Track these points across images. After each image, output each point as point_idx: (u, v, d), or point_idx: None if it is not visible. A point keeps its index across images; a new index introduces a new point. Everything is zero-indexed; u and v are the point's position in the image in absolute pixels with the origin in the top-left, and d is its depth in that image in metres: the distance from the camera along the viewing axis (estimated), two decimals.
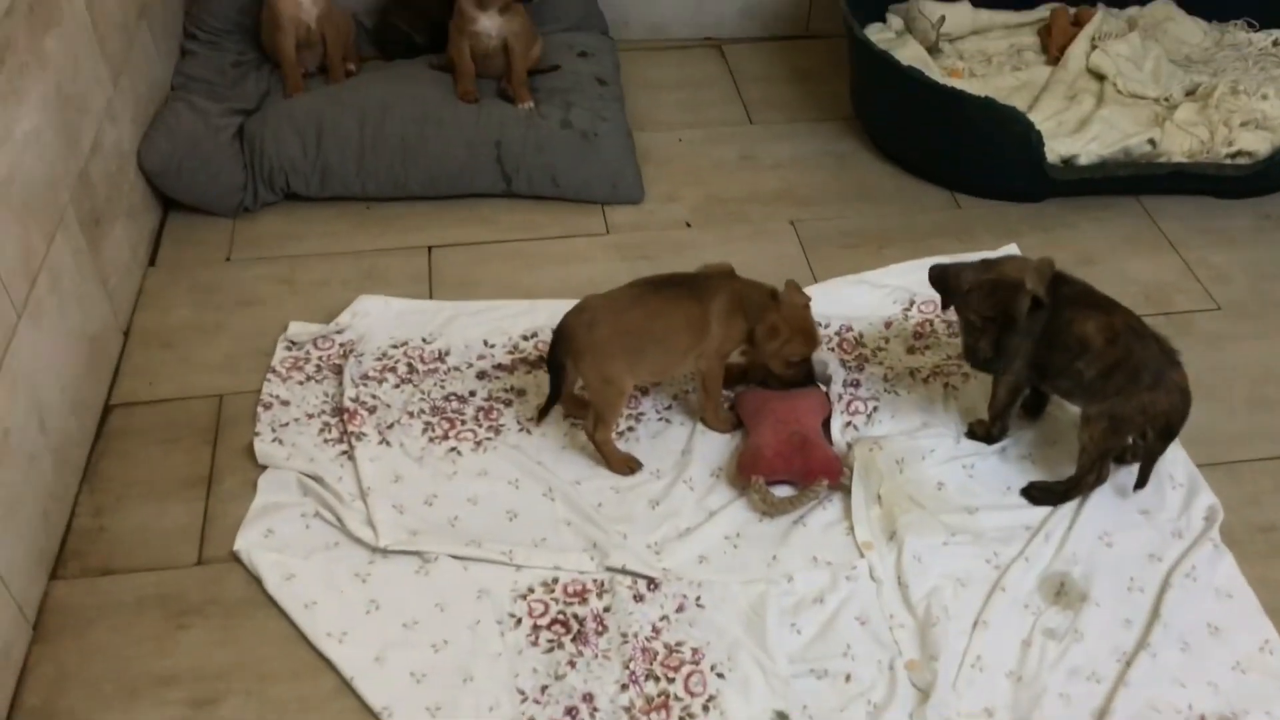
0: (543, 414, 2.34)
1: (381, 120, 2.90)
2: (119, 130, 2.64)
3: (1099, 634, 2.02)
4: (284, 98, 3.02)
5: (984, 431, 2.34)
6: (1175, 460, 2.30)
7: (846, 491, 2.24)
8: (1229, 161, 2.99)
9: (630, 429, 2.39)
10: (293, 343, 2.54)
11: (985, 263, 2.20)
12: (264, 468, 2.28)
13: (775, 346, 2.26)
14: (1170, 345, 2.13)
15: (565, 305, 2.56)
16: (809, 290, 2.69)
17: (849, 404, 2.42)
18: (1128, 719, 1.88)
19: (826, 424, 2.37)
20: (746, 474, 2.23)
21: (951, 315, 2.62)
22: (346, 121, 2.90)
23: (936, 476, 2.28)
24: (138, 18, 2.80)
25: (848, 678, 1.96)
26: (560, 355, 2.22)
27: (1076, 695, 1.93)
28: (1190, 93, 3.26)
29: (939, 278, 2.18)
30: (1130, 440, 2.22)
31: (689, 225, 2.96)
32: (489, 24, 3.00)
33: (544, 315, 2.61)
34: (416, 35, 3.23)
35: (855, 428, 2.38)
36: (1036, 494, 2.25)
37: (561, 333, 2.23)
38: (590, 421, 2.27)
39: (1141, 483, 2.20)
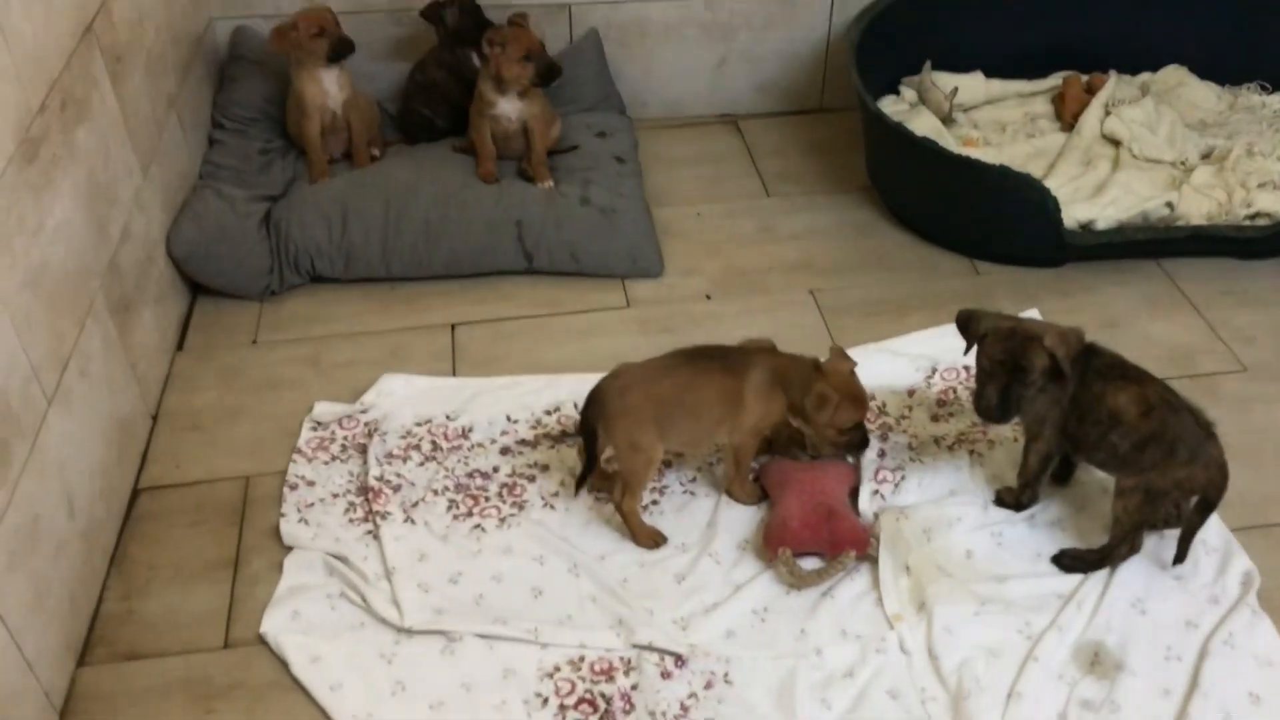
0: (580, 483, 2.31)
1: (405, 202, 2.96)
2: (148, 218, 2.70)
3: (1137, 705, 1.97)
4: (309, 183, 3.08)
5: (1013, 499, 2.32)
6: (1208, 524, 2.26)
7: (874, 562, 2.22)
8: (1248, 223, 2.99)
9: (655, 502, 2.38)
10: (318, 423, 2.56)
11: (1013, 316, 2.20)
12: (290, 549, 2.28)
13: (826, 416, 2.21)
14: (1206, 418, 2.11)
15: (587, 379, 2.58)
16: None
17: (875, 473, 2.40)
18: None
19: (853, 494, 2.36)
20: (773, 546, 2.22)
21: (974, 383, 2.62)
22: (371, 204, 2.95)
23: (965, 545, 2.26)
24: (167, 109, 2.88)
25: None
26: (592, 420, 2.22)
27: None
28: (1206, 156, 3.27)
29: (964, 320, 2.19)
30: (1163, 514, 2.19)
31: (709, 297, 2.98)
32: (509, 107, 3.06)
33: (566, 390, 2.62)
34: (439, 120, 3.30)
35: (882, 497, 2.36)
36: (1068, 562, 2.22)
37: (594, 397, 2.24)
38: (618, 491, 2.26)
39: (1180, 557, 2.17)
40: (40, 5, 2.17)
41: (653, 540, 2.28)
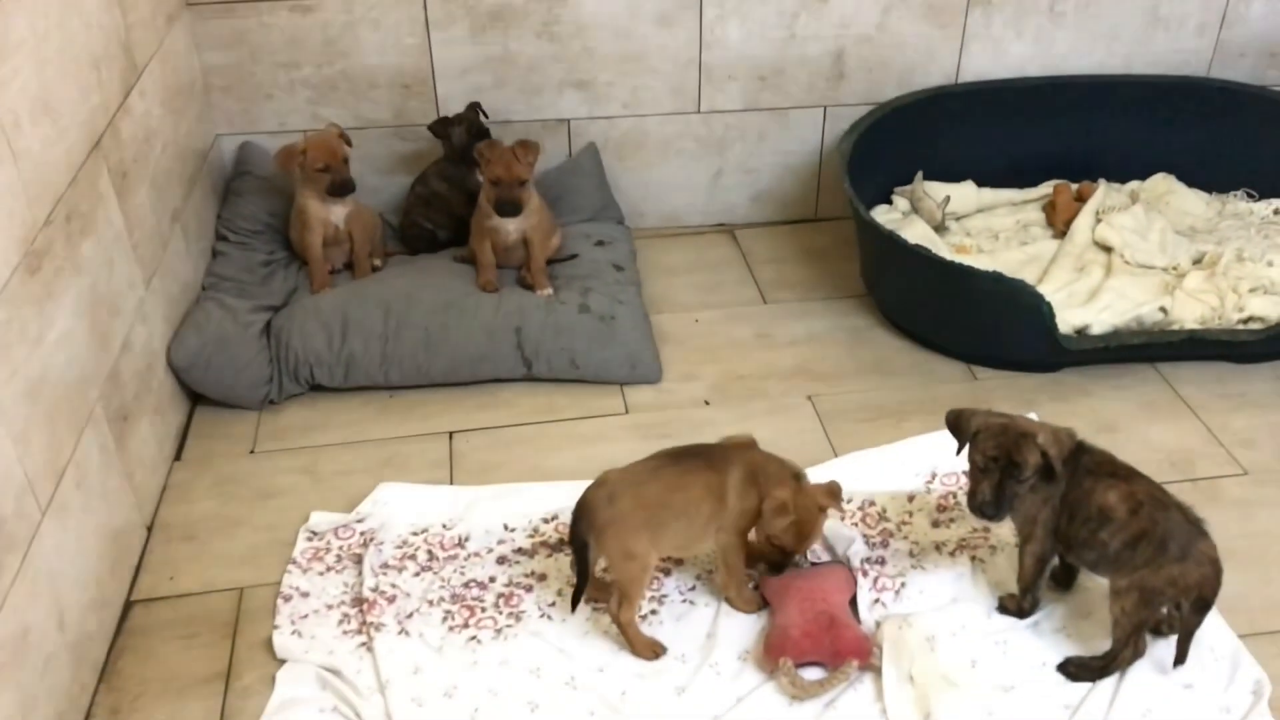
0: (575, 600, 2.28)
1: (405, 311, 2.99)
2: (149, 329, 2.72)
3: None
4: (311, 293, 3.12)
5: (1015, 606, 2.29)
6: (1216, 630, 2.24)
7: (877, 672, 2.18)
8: (1242, 327, 3.01)
9: (654, 611, 2.35)
10: (314, 533, 2.55)
11: (1004, 414, 2.20)
12: (283, 662, 2.25)
13: (779, 524, 2.19)
14: (1195, 515, 2.10)
15: (585, 485, 2.57)
16: (828, 465, 2.71)
17: (876, 580, 2.38)
18: None
19: (853, 602, 2.33)
20: (774, 656, 2.18)
21: None
22: (371, 314, 2.98)
23: (970, 654, 2.22)
24: (171, 222, 2.93)
25: None
26: (582, 532, 2.20)
27: None
28: (1197, 261, 3.31)
29: (953, 420, 2.20)
30: (1165, 611, 2.16)
31: (708, 403, 2.99)
32: (509, 223, 3.11)
33: (564, 496, 2.59)
34: (440, 231, 3.35)
35: (884, 605, 2.33)
36: (1073, 670, 2.18)
37: (582, 508, 2.22)
38: (614, 602, 2.23)
39: (1181, 658, 2.13)
40: (49, 122, 2.23)
41: (652, 651, 2.25)
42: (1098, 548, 2.11)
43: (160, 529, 2.60)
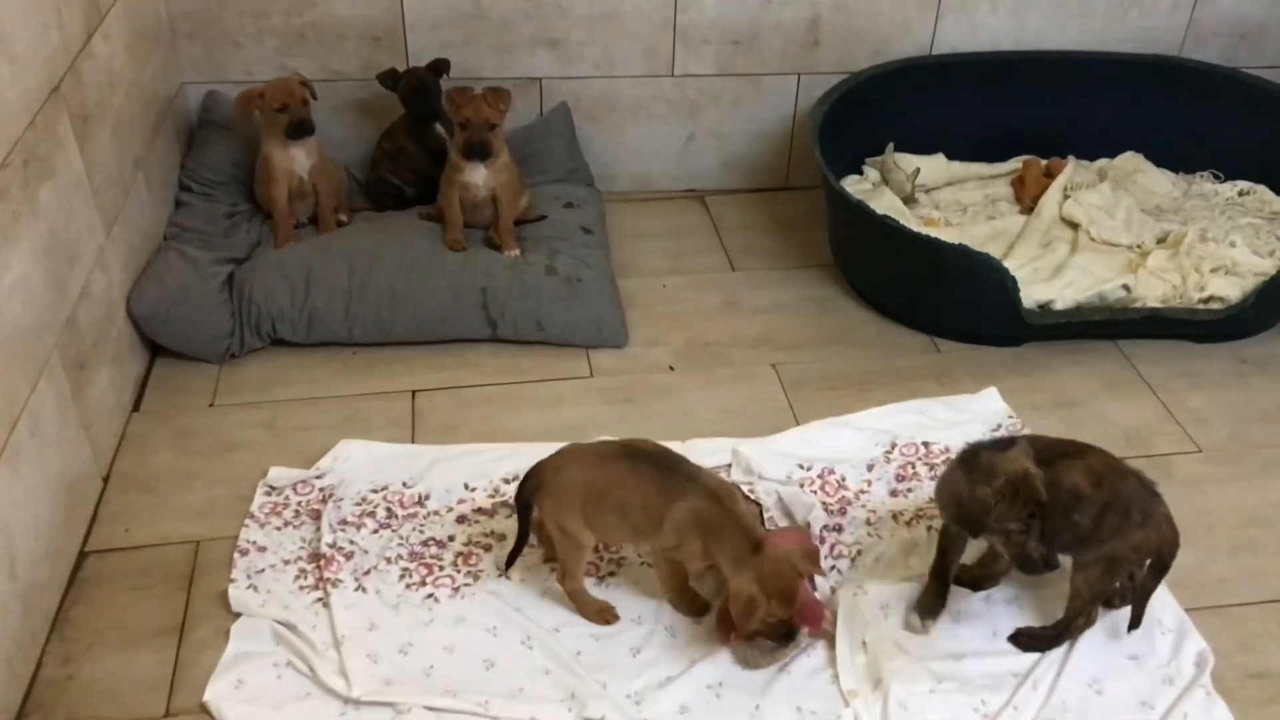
0: (510, 561, 2.29)
1: (370, 268, 2.96)
2: (109, 278, 2.68)
3: None
4: (274, 247, 3.08)
5: (970, 577, 2.32)
6: (1163, 605, 2.27)
7: (831, 639, 2.20)
8: (1202, 306, 3.04)
9: (611, 574, 2.36)
10: (272, 488, 2.53)
11: (974, 472, 2.04)
12: (238, 615, 2.24)
13: (751, 621, 2.00)
14: (1147, 478, 2.12)
15: (549, 448, 2.56)
16: (790, 433, 2.72)
17: (832, 548, 2.40)
18: None
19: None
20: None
21: (933, 459, 2.63)
22: (335, 270, 2.95)
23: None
24: (134, 170, 2.88)
25: None
26: (527, 494, 2.20)
27: None
28: (1161, 240, 3.34)
29: (962, 516, 2.04)
30: (1118, 584, 2.19)
31: (672, 369, 2.99)
32: (477, 177, 3.08)
33: (527, 458, 2.57)
34: (407, 188, 3.32)
35: (839, 571, 2.35)
36: (1025, 640, 2.21)
37: (532, 472, 2.21)
38: (559, 570, 2.24)
39: (1136, 623, 2.17)
40: (5, 61, 2.18)
41: (602, 616, 2.25)
42: (1071, 529, 2.08)
43: (117, 480, 2.58)
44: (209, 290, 2.89)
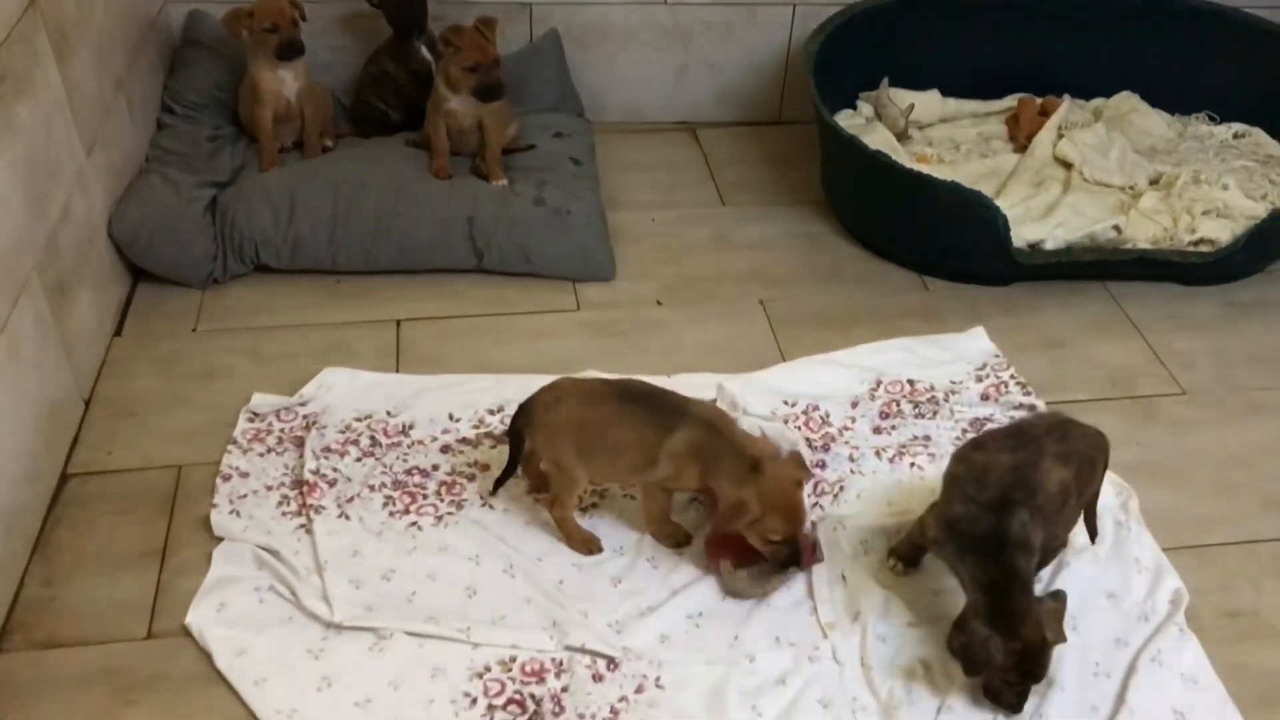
0: (497, 486, 2.30)
1: (355, 195, 2.92)
2: (90, 200, 2.64)
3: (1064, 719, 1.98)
4: (259, 171, 3.04)
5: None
6: (1141, 544, 2.29)
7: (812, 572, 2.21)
8: (1192, 249, 3.03)
9: (594, 505, 2.37)
10: (255, 414, 2.52)
11: (1009, 630, 1.90)
12: (220, 540, 2.24)
13: (741, 524, 2.05)
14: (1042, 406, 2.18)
15: (534, 380, 2.55)
16: (776, 369, 2.71)
17: (815, 484, 2.40)
18: None
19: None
20: (714, 556, 2.20)
21: (918, 397, 2.63)
22: (320, 195, 2.91)
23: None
24: (115, 90, 2.83)
25: None
26: (520, 426, 2.21)
27: None
28: (1154, 181, 3.32)
29: (970, 661, 1.92)
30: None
31: (660, 303, 2.97)
32: (464, 104, 3.03)
33: (511, 390, 2.59)
34: (393, 113, 3.27)
35: (821, 507, 2.36)
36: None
37: (526, 404, 2.21)
38: (549, 498, 2.25)
39: (1094, 532, 2.23)
40: None
41: (586, 546, 2.26)
42: (1063, 524, 2.10)
43: (99, 403, 2.56)
44: (191, 214, 2.85)
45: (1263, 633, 2.17)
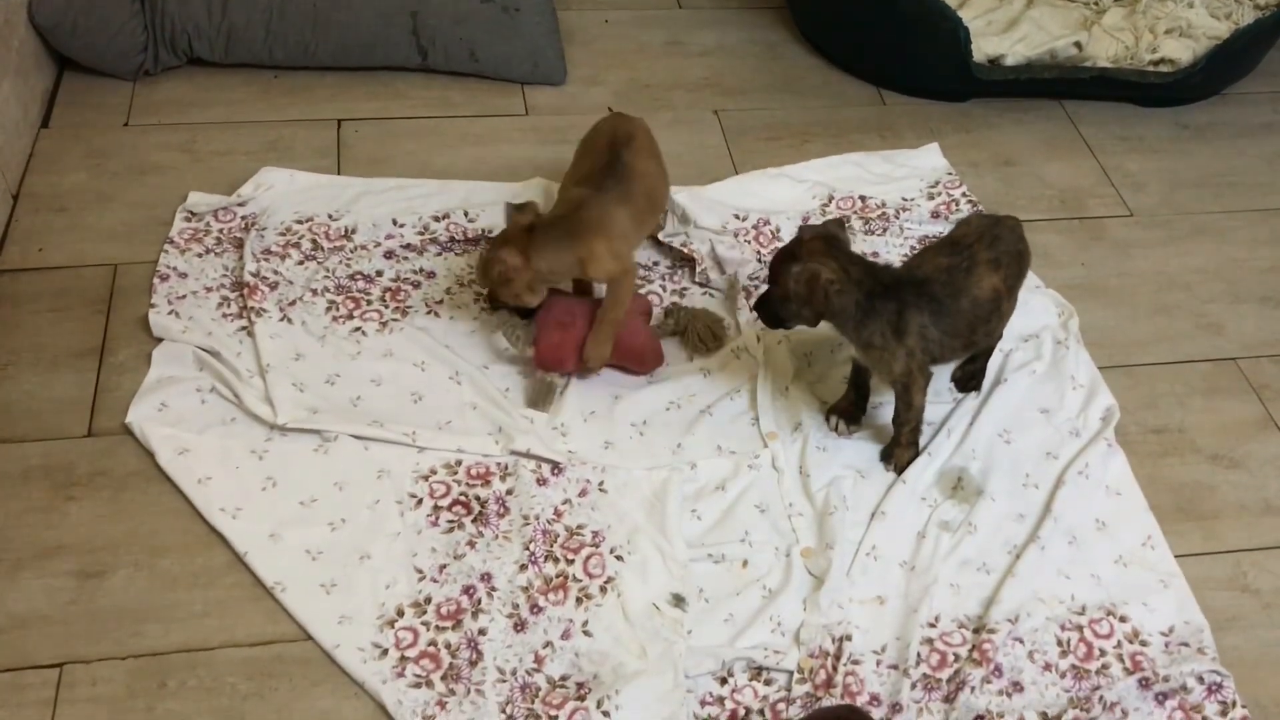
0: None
1: None
2: None
3: (992, 527, 2.06)
4: None
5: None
6: (1079, 362, 2.34)
7: (754, 389, 2.24)
8: (1151, 69, 2.99)
9: None
10: (192, 213, 2.45)
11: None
12: (159, 340, 2.21)
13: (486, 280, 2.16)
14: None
15: (479, 186, 2.50)
16: (728, 182, 2.67)
17: None
18: (1013, 608, 1.93)
19: (647, 316, 2.31)
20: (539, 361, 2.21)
21: (869, 213, 2.62)
22: None
23: (844, 371, 2.28)
24: None
25: (744, 563, 1.98)
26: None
27: (966, 585, 1.98)
28: None
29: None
30: None
31: (611, 110, 2.88)
32: None
33: (457, 196, 2.55)
34: None
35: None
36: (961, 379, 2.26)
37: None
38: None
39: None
40: None
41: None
42: (996, 323, 2.09)
43: (27, 198, 2.47)
44: (118, 0, 2.69)
45: (1184, 448, 2.25)
